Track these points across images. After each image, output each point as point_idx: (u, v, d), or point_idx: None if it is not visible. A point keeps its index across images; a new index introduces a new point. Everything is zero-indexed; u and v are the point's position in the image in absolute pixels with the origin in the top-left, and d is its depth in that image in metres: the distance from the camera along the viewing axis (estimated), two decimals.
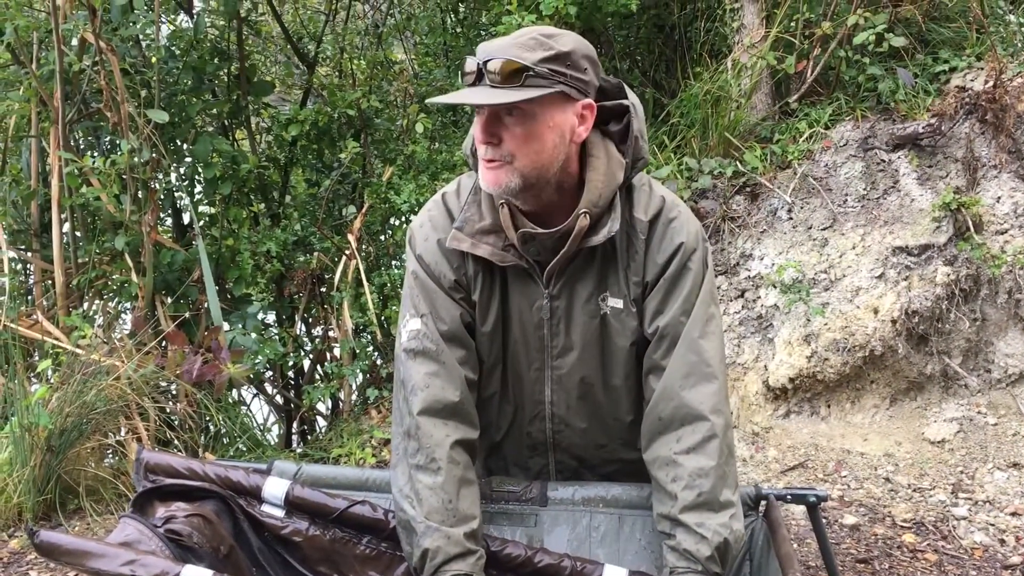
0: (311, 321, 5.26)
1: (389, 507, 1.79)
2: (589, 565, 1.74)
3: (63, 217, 4.29)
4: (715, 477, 1.65)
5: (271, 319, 5.21)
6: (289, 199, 5.29)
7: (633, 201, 1.75)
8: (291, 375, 5.38)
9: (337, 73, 5.72)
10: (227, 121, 4.99)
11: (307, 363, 5.23)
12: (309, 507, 1.80)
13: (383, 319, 4.60)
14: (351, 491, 1.86)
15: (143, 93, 4.20)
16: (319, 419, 5.39)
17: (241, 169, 4.52)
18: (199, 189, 4.89)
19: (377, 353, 4.79)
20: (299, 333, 5.03)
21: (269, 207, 5.15)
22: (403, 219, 5.05)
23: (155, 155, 4.07)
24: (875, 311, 4.09)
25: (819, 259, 4.28)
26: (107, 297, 4.63)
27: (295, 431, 5.29)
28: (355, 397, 4.73)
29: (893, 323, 4.05)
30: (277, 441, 5.13)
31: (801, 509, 3.31)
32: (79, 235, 4.47)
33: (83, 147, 4.74)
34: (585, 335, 1.77)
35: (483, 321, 1.78)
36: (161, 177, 4.52)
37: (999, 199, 4.19)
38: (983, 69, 4.40)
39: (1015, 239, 4.11)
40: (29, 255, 4.72)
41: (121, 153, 3.90)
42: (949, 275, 4.06)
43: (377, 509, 1.79)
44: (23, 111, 4.54)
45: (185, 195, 4.86)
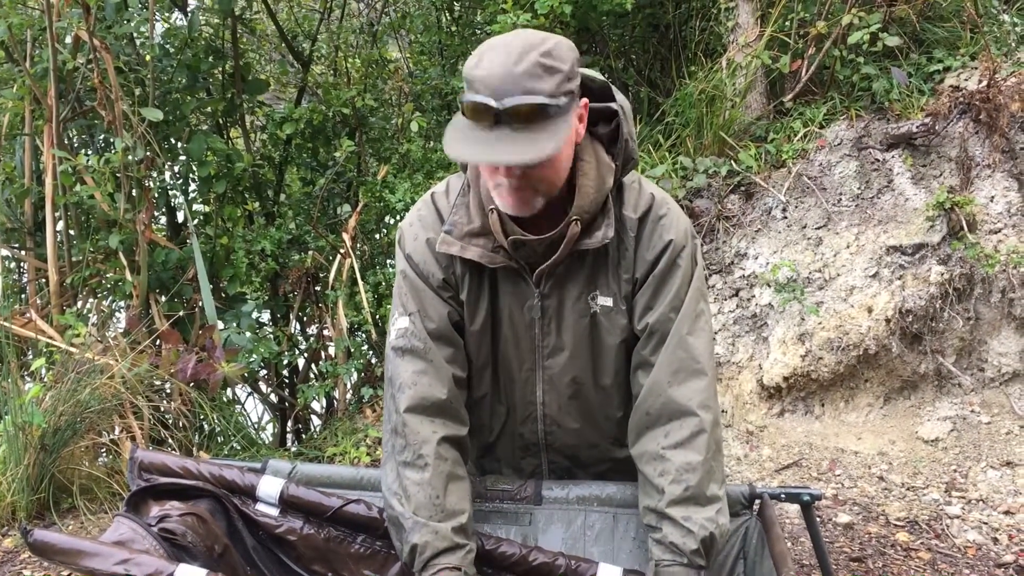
0: (306, 320, 5.26)
1: (383, 506, 1.79)
2: (584, 564, 1.74)
3: (57, 215, 4.28)
4: (702, 472, 1.67)
5: (266, 318, 5.21)
6: (284, 198, 5.29)
7: (623, 199, 1.75)
8: (286, 374, 5.38)
9: (332, 72, 5.73)
10: (221, 119, 4.98)
11: (301, 362, 5.23)
12: (304, 506, 1.80)
13: (378, 318, 4.60)
14: (346, 490, 1.86)
15: (137, 91, 4.20)
16: (314, 418, 5.39)
17: (236, 167, 4.51)
18: (193, 187, 4.89)
19: (372, 352, 4.78)
20: (294, 332, 5.03)
21: (264, 206, 5.15)
22: (398, 218, 5.05)
23: (149, 153, 4.06)
24: (869, 310, 4.10)
25: (813, 258, 4.29)
26: (101, 296, 4.63)
27: (289, 430, 5.29)
28: (350, 396, 4.72)
29: (887, 322, 4.06)
30: (271, 440, 5.13)
31: (795, 508, 3.32)
32: (73, 233, 4.46)
33: (77, 145, 4.74)
34: (575, 334, 1.77)
35: (472, 320, 1.78)
36: (155, 175, 4.52)
37: (993, 198, 4.21)
38: (977, 69, 4.41)
39: (1008, 238, 4.13)
40: (23, 253, 4.71)
41: (115, 151, 3.89)
42: (943, 274, 4.07)
43: (372, 508, 1.79)
44: (17, 109, 4.53)
45: (179, 193, 4.86)
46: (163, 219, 5.03)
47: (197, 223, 4.67)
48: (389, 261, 4.95)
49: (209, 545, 1.65)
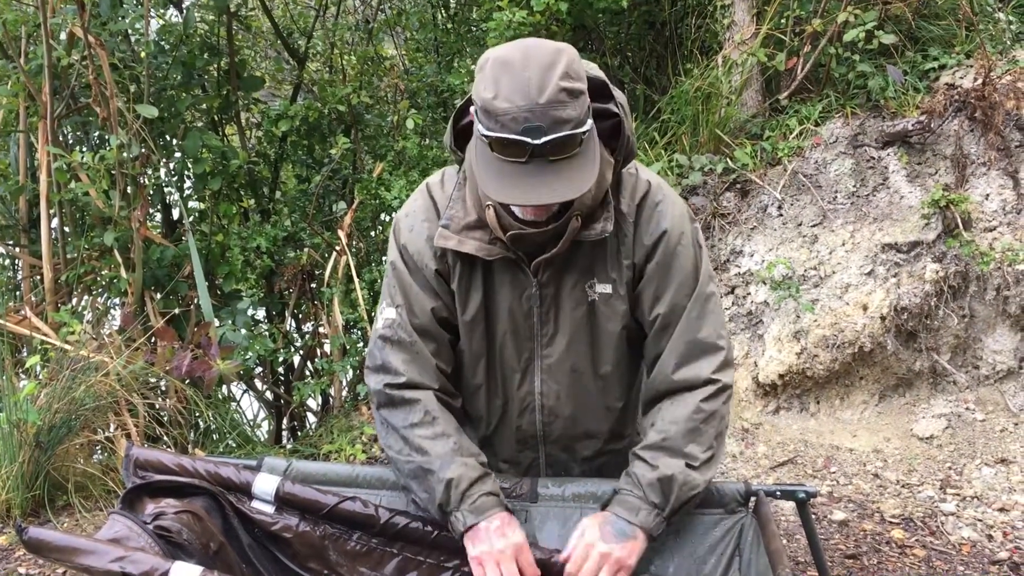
0: (301, 317, 5.26)
1: (380, 503, 1.80)
2: None
3: (51, 212, 4.27)
4: (685, 428, 1.70)
5: (261, 315, 5.21)
6: (279, 195, 5.28)
7: (620, 186, 1.76)
8: (281, 371, 5.37)
9: (327, 69, 5.72)
10: (217, 116, 4.97)
11: (297, 359, 5.23)
12: (299, 503, 1.80)
13: (373, 315, 4.58)
14: (341, 487, 1.86)
15: (132, 88, 4.19)
16: (309, 415, 5.39)
17: (231, 165, 4.50)
18: (189, 184, 4.88)
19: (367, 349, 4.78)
20: (289, 329, 5.03)
21: (259, 203, 5.14)
22: (393, 215, 5.03)
23: (144, 150, 4.05)
24: (864, 308, 4.10)
25: (809, 256, 4.30)
26: (96, 293, 4.62)
27: (285, 427, 5.29)
28: (345, 393, 4.72)
29: (882, 320, 4.06)
30: (267, 437, 5.13)
31: (790, 505, 3.32)
32: (68, 230, 4.45)
33: (72, 142, 4.72)
34: (574, 321, 1.78)
35: (463, 310, 1.79)
36: (150, 172, 4.50)
37: (988, 196, 4.21)
38: (972, 67, 4.41)
39: (1003, 236, 4.14)
40: (17, 251, 4.70)
41: (110, 148, 3.88)
42: (938, 272, 4.08)
43: (368, 505, 1.79)
44: (11, 105, 4.51)
45: (175, 190, 4.85)
46: (158, 216, 5.02)
47: (192, 220, 4.66)
48: (384, 258, 4.94)
49: (205, 543, 1.65)
